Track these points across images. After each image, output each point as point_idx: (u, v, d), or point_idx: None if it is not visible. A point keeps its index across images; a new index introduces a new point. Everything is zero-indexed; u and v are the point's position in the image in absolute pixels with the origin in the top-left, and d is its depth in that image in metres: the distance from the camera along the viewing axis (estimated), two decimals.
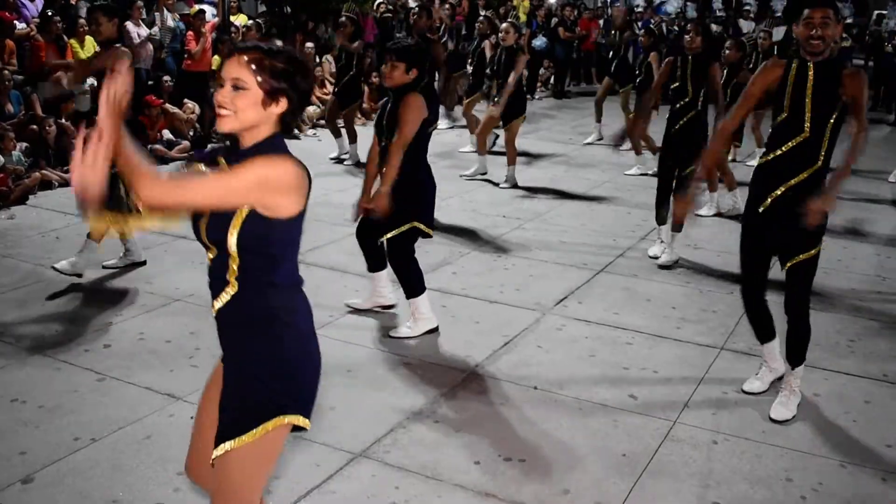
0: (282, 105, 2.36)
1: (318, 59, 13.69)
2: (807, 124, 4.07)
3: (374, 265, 5.50)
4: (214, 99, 2.33)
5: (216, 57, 11.56)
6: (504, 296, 6.01)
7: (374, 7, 16.21)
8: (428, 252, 6.81)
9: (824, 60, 4.07)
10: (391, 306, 5.60)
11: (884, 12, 29.66)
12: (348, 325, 5.43)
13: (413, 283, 5.26)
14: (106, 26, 6.05)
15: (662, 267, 6.73)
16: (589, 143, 12.08)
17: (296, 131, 12.02)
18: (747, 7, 20.79)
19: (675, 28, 19.52)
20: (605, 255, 7.02)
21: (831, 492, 3.74)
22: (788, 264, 4.23)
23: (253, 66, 2.30)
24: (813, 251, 4.18)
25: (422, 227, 5.17)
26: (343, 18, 10.26)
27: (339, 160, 10.33)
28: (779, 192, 4.15)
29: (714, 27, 20.03)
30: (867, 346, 5.36)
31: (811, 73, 4.07)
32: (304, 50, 13.46)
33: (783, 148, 4.14)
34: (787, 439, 4.16)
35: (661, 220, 6.94)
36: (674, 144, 6.71)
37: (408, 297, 5.29)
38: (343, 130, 10.33)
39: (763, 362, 4.69)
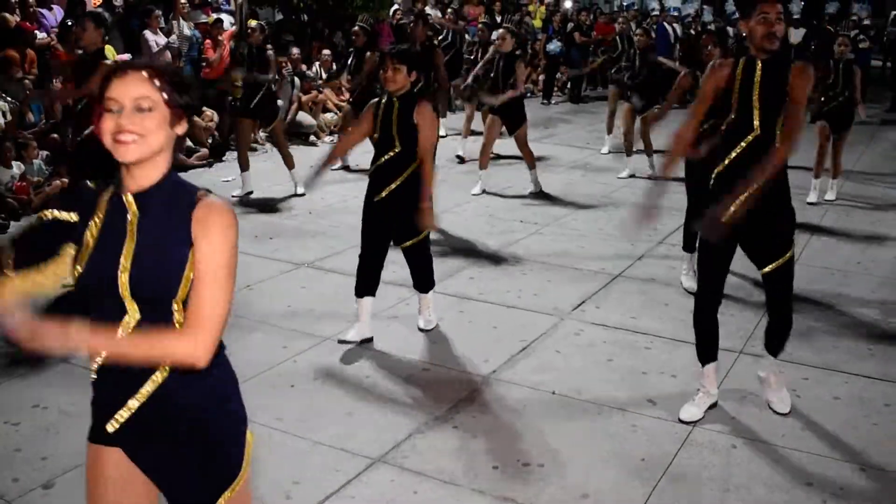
0: (183, 125, 2.11)
1: (335, 66, 13.73)
2: (756, 122, 3.96)
3: (370, 288, 5.25)
4: (104, 126, 2.02)
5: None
6: (522, 301, 6.01)
7: (392, 14, 16.25)
8: (445, 258, 6.83)
9: (772, 56, 3.95)
10: (371, 339, 5.29)
11: None
12: None
13: (432, 279, 5.46)
14: (91, 33, 6.17)
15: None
16: (606, 154, 11.78)
17: (313, 138, 12.09)
18: None
19: (691, 31, 19.46)
20: (622, 259, 7.00)
21: (852, 497, 3.71)
22: (767, 269, 4.17)
23: (156, 82, 2.03)
24: (789, 253, 4.13)
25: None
26: (356, 27, 10.15)
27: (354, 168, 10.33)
28: (742, 199, 3.94)
29: (731, 30, 19.98)
30: (888, 349, 5.32)
31: (759, 69, 3.95)
32: (322, 57, 13.55)
33: (736, 150, 4.01)
34: (806, 443, 4.14)
35: (689, 248, 6.26)
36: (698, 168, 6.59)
37: (425, 292, 5.45)
38: None
39: (701, 386, 4.44)
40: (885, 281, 6.66)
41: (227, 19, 13.14)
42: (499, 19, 18.72)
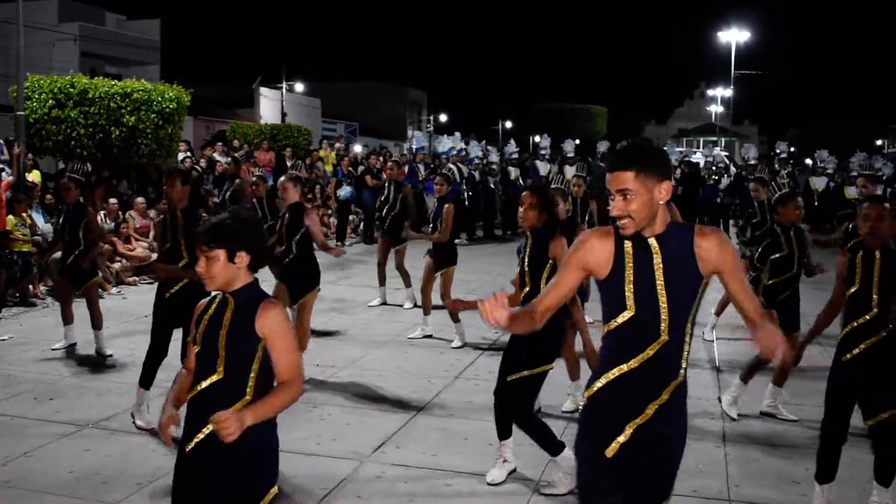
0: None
1: (121, 216, 13.39)
2: (664, 323, 3.00)
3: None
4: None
5: (10, 217, 11.06)
6: (321, 447, 5.89)
7: (181, 161, 16.11)
8: None
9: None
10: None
11: (664, 148, 32.36)
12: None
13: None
14: None
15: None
16: (373, 307, 11.12)
17: (100, 290, 11.59)
18: (543, 151, 22.06)
19: (490, 177, 20.51)
20: (420, 396, 7.06)
21: None
22: None
23: None
24: None
25: None
26: (64, 180, 8.71)
27: None
28: (635, 425, 3.02)
29: (512, 170, 21.12)
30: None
31: (655, 247, 3.03)
32: (110, 205, 13.20)
33: (630, 363, 3.02)
34: None
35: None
36: None
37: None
38: None
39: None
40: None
41: (4, 170, 12.62)
42: (289, 164, 19.03)
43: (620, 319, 3.01)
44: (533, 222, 5.23)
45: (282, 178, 7.94)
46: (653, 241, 2.99)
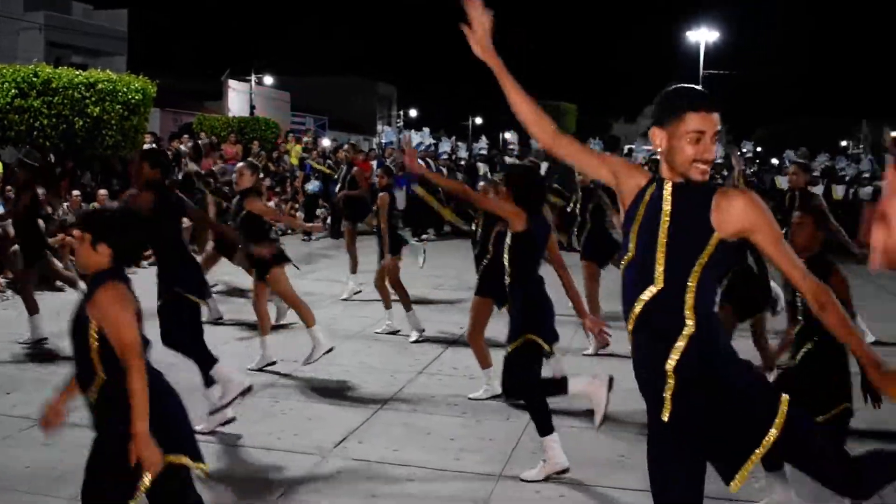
0: None
1: (84, 207, 13.23)
2: (659, 269, 2.87)
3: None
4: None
5: None
6: (282, 442, 5.85)
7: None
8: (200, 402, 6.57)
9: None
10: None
11: (633, 146, 32.55)
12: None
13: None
14: None
15: None
16: (346, 300, 11.17)
17: (60, 283, 11.43)
18: (511, 146, 22.08)
19: (459, 172, 20.54)
20: (384, 391, 7.04)
21: None
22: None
23: None
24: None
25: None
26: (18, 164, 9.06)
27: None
28: (670, 391, 2.90)
29: (481, 165, 21.15)
30: (639, 458, 5.59)
31: (667, 194, 2.89)
32: (73, 197, 13.05)
33: (635, 309, 2.93)
34: None
35: None
36: None
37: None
38: None
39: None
40: (628, 395, 7.04)
41: None
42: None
43: (625, 261, 2.96)
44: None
45: (240, 164, 7.88)
46: (668, 186, 2.89)
